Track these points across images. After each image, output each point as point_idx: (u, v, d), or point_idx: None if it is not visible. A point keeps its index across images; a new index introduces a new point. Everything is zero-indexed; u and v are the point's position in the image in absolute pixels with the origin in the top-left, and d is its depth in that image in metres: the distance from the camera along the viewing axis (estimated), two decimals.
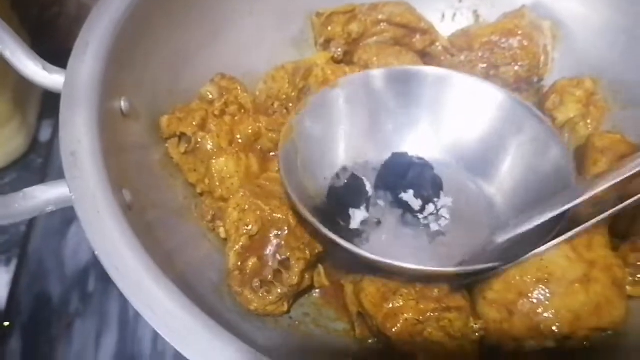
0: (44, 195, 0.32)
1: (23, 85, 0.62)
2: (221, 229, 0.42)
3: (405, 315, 0.35)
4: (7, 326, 0.52)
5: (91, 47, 0.37)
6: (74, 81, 0.35)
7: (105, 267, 0.29)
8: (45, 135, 0.66)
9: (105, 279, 0.56)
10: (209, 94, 0.45)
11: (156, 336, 0.53)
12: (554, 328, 0.36)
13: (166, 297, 0.28)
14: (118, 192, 0.32)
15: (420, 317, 0.36)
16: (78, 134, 0.33)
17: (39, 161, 0.64)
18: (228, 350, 0.26)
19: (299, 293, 0.40)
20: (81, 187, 0.31)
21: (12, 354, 0.51)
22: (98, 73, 0.36)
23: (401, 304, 0.36)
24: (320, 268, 0.42)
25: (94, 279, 0.56)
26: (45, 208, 0.31)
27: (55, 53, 0.41)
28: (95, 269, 0.57)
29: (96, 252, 0.29)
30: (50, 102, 0.67)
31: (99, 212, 0.30)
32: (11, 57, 0.36)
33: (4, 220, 0.31)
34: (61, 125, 0.33)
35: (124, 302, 0.55)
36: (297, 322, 0.40)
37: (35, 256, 0.57)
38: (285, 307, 0.38)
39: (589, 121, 0.48)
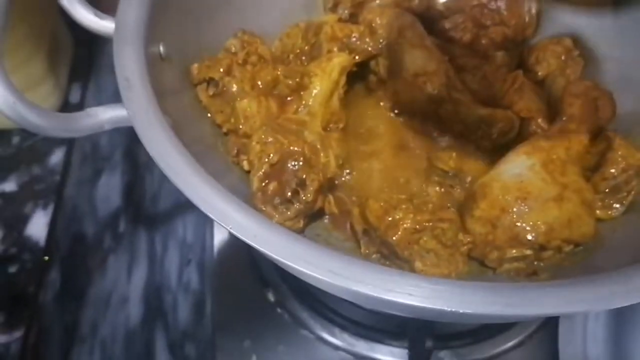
0: (103, 115, 0.38)
1: (55, 49, 0.68)
2: (245, 162, 0.47)
3: (404, 225, 0.42)
4: (47, 260, 0.58)
5: None
6: (123, 25, 0.41)
7: (159, 166, 0.34)
8: (75, 97, 0.72)
9: (134, 222, 0.62)
10: (232, 46, 0.51)
11: (181, 269, 0.59)
12: (530, 237, 0.42)
13: (208, 187, 0.34)
14: (165, 115, 0.38)
15: (417, 227, 0.42)
16: (130, 65, 0.39)
17: None
18: (268, 227, 0.32)
19: (312, 216, 0.46)
20: (136, 105, 0.37)
21: (53, 283, 0.57)
22: (141, 20, 0.42)
23: (401, 215, 0.42)
24: (331, 197, 0.48)
25: (124, 222, 0.62)
26: (103, 125, 0.37)
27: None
28: (124, 213, 0.63)
29: (152, 154, 0.35)
30: (78, 67, 0.73)
31: (152, 125, 0.36)
32: (68, 5, 0.42)
33: (71, 133, 0.37)
34: (115, 57, 0.39)
35: (151, 241, 0.61)
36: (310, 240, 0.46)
37: (70, 201, 0.63)
38: (301, 224, 0.44)
39: (567, 73, 0.54)
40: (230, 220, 0.33)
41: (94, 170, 0.66)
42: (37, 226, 0.60)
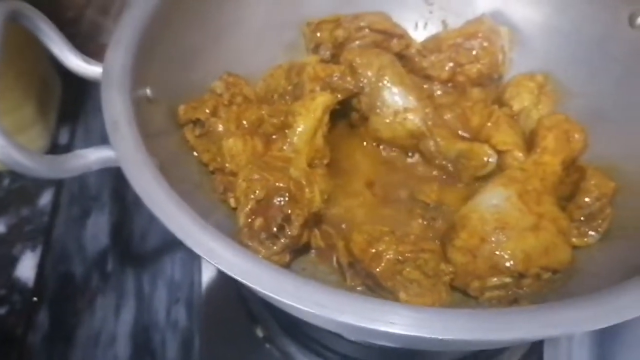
0: (91, 156, 0.39)
1: (44, 93, 0.69)
2: (231, 199, 0.49)
3: (387, 256, 0.43)
4: (36, 301, 0.58)
5: (122, 44, 0.45)
6: (110, 70, 0.43)
7: (147, 206, 0.36)
8: (64, 139, 0.72)
9: (121, 261, 0.63)
10: (217, 88, 0.53)
11: (169, 308, 0.60)
12: (508, 265, 0.43)
13: (196, 225, 0.35)
14: (151, 156, 0.40)
15: (400, 257, 0.43)
16: (117, 109, 0.40)
17: None
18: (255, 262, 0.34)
19: (298, 250, 0.47)
20: (123, 147, 0.38)
21: (41, 324, 0.57)
22: (129, 65, 0.44)
23: (384, 247, 0.43)
24: (317, 231, 0.49)
25: (112, 261, 0.63)
26: (91, 166, 0.39)
27: None
28: (112, 252, 0.63)
29: (139, 194, 0.36)
30: (67, 109, 0.74)
31: (139, 166, 0.37)
32: (58, 52, 0.44)
33: (60, 174, 0.38)
34: (103, 101, 0.41)
35: (139, 280, 0.61)
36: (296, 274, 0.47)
37: (59, 242, 0.63)
38: (287, 259, 0.45)
39: (540, 107, 0.56)
40: (218, 256, 0.34)
41: (83, 211, 0.66)
42: (26, 267, 0.60)
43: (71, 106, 0.75)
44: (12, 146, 0.36)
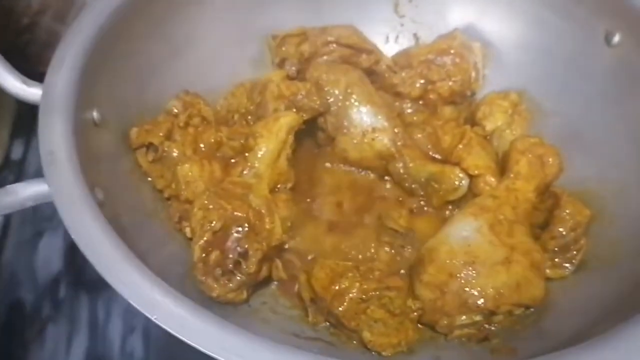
0: (24, 192, 0.36)
1: None
2: (187, 229, 0.46)
3: (350, 294, 0.40)
4: None
5: (66, 63, 0.41)
6: (51, 92, 0.39)
7: (82, 251, 0.32)
8: (17, 153, 0.69)
9: (75, 287, 0.59)
10: (174, 108, 0.49)
11: (125, 338, 0.56)
12: (479, 302, 0.41)
13: (136, 273, 0.32)
14: (92, 189, 0.36)
15: (364, 296, 0.40)
16: (55, 137, 0.37)
17: (11, 178, 0.67)
18: (194, 314, 0.31)
19: (258, 284, 0.45)
20: (59, 182, 0.35)
21: None
22: (72, 85, 0.41)
23: (347, 284, 0.41)
24: (278, 262, 0.46)
25: (65, 287, 0.59)
26: (25, 203, 0.35)
27: (27, 76, 0.45)
28: (65, 277, 0.60)
29: (73, 237, 0.33)
30: (21, 122, 0.71)
31: (75, 203, 0.34)
32: None
33: None
34: (39, 128, 0.37)
35: (93, 307, 0.58)
36: (255, 310, 0.44)
37: (8, 266, 0.60)
38: (244, 295, 0.43)
39: (513, 128, 0.54)
40: (156, 309, 0.31)
41: (35, 232, 0.63)
42: None
43: (25, 120, 0.71)
44: None
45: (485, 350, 0.42)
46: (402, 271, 0.46)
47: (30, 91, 0.41)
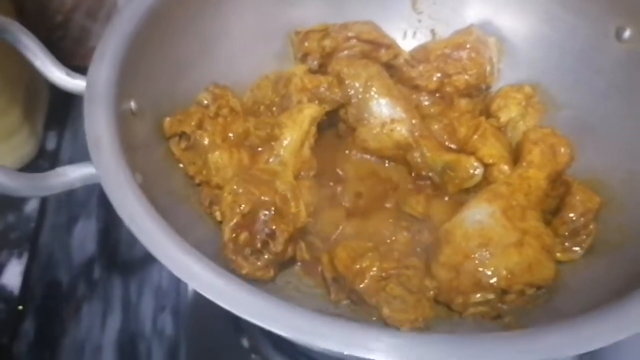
0: (73, 173, 0.39)
1: (31, 98, 0.69)
2: (217, 213, 0.48)
3: (371, 272, 0.43)
4: (21, 310, 0.58)
5: (107, 57, 0.44)
6: (94, 83, 0.43)
7: (128, 226, 0.36)
8: (51, 144, 0.72)
9: (108, 269, 0.63)
10: (204, 99, 0.52)
11: (156, 316, 0.60)
12: (492, 282, 0.43)
13: (177, 247, 0.35)
14: (133, 173, 0.39)
15: (383, 274, 0.43)
16: (100, 124, 0.40)
17: (46, 166, 0.71)
18: (231, 284, 0.34)
19: (283, 263, 0.47)
20: (104, 165, 0.38)
21: (27, 333, 0.57)
22: (113, 77, 0.44)
23: (367, 263, 0.43)
24: (302, 244, 0.49)
25: (99, 269, 0.63)
26: (74, 184, 0.38)
27: None
28: (99, 260, 0.64)
29: (120, 215, 0.36)
30: (54, 114, 0.74)
31: (120, 184, 0.37)
32: (41, 66, 0.44)
33: (40, 192, 0.38)
34: (86, 117, 0.40)
35: (126, 288, 0.61)
36: (280, 288, 0.47)
37: (45, 249, 0.63)
38: (272, 273, 0.45)
39: (527, 119, 0.56)
40: (195, 278, 0.34)
41: (70, 217, 0.66)
42: (12, 275, 0.60)
43: (59, 111, 0.74)
44: None
45: (498, 327, 0.45)
46: (419, 252, 0.48)
47: (73, 82, 0.44)
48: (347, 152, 0.58)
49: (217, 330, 0.57)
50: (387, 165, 0.57)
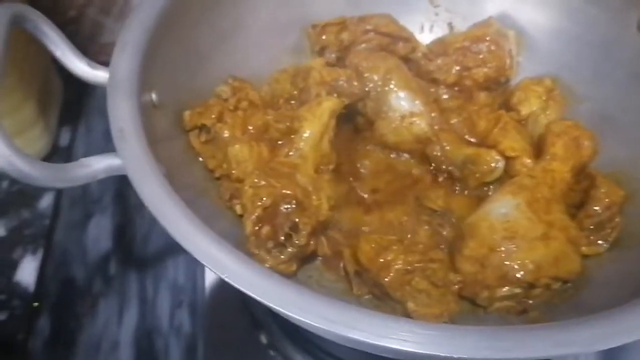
0: (97, 164, 0.38)
1: (45, 94, 0.68)
2: (237, 206, 0.48)
3: (396, 266, 0.42)
4: (37, 306, 0.58)
5: (128, 48, 0.44)
6: (117, 74, 0.42)
7: (154, 215, 0.35)
8: (64, 140, 0.72)
9: (124, 264, 0.62)
10: (223, 93, 0.52)
11: (173, 312, 0.59)
12: (518, 275, 0.42)
13: (204, 236, 0.35)
14: (158, 163, 0.39)
15: (409, 267, 0.42)
16: (123, 115, 0.40)
17: (60, 162, 0.69)
18: (262, 274, 0.33)
19: (305, 258, 0.47)
20: (129, 155, 0.38)
21: (42, 329, 0.56)
22: (134, 69, 0.43)
23: (392, 257, 0.43)
24: (323, 239, 0.49)
25: (115, 264, 0.62)
26: (98, 175, 0.38)
27: None
28: (114, 256, 0.63)
29: (146, 204, 0.35)
30: (68, 110, 0.74)
31: (146, 174, 0.37)
32: (62, 56, 0.43)
33: (65, 183, 0.37)
34: (109, 108, 0.40)
35: (142, 283, 0.61)
36: (302, 282, 0.46)
37: (60, 246, 0.63)
38: (294, 267, 0.45)
39: (548, 113, 0.56)
40: (224, 268, 0.33)
41: (84, 214, 0.66)
42: (27, 271, 0.59)
43: (72, 107, 0.74)
44: (15, 154, 0.35)
45: (524, 323, 0.44)
46: (442, 247, 0.48)
47: (94, 73, 0.44)
48: (365, 146, 0.57)
49: (235, 326, 0.57)
50: (406, 159, 0.57)
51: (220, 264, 0.33)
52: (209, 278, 0.60)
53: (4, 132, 0.35)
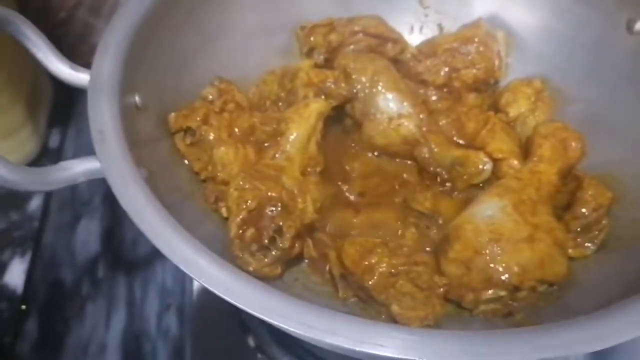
0: (77, 167, 0.38)
1: (34, 95, 0.68)
2: (223, 209, 0.48)
3: (380, 269, 0.42)
4: (24, 309, 0.58)
5: (110, 50, 0.44)
6: (98, 76, 0.42)
7: (132, 220, 0.35)
8: (54, 142, 0.72)
9: (112, 268, 0.62)
10: (209, 94, 0.52)
11: (161, 315, 0.59)
12: (504, 278, 0.42)
13: (183, 241, 0.34)
14: (138, 166, 0.39)
15: (393, 270, 0.42)
16: (104, 118, 0.39)
17: (49, 164, 0.69)
18: (240, 280, 0.33)
19: (291, 261, 0.47)
20: (109, 158, 0.37)
21: (30, 332, 0.56)
22: (117, 71, 0.43)
23: (376, 259, 0.43)
24: (309, 241, 0.48)
25: (103, 267, 0.62)
26: (77, 178, 0.38)
27: None
28: (103, 258, 0.63)
29: (125, 208, 0.35)
30: (58, 112, 0.74)
31: (125, 178, 0.36)
32: (44, 59, 0.43)
33: (44, 187, 0.37)
34: (90, 110, 0.40)
35: (130, 287, 0.61)
36: (288, 285, 0.46)
37: (48, 248, 0.63)
38: (279, 270, 0.45)
39: (537, 114, 0.55)
40: (203, 273, 0.33)
41: (73, 216, 0.66)
42: (15, 274, 0.60)
43: (62, 109, 0.74)
44: None
45: (509, 326, 0.44)
46: (428, 249, 0.47)
47: (77, 75, 0.43)
48: (353, 148, 0.57)
49: (223, 330, 0.57)
50: (394, 161, 0.57)
51: (199, 268, 0.33)
52: (197, 282, 0.60)
53: None
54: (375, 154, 0.57)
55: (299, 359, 0.55)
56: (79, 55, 0.75)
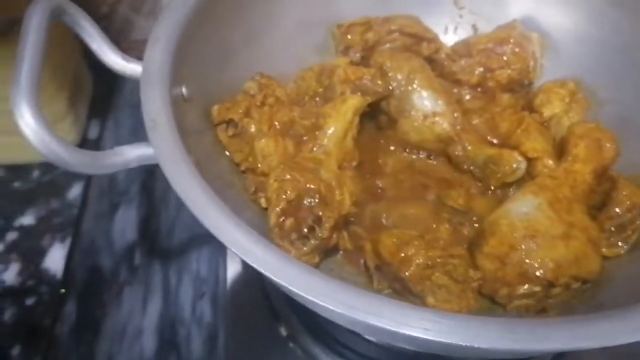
0: (131, 153, 0.40)
1: (76, 87, 0.71)
2: (262, 199, 0.49)
3: (417, 260, 0.43)
4: (64, 293, 0.60)
5: (161, 42, 0.45)
6: (150, 68, 0.43)
7: (185, 202, 0.36)
8: (93, 133, 0.74)
9: (149, 255, 0.64)
10: (250, 89, 0.53)
11: (195, 302, 0.60)
12: (538, 274, 0.43)
13: (232, 223, 0.36)
14: (189, 153, 0.40)
15: (429, 262, 0.43)
16: (155, 107, 0.41)
17: None
18: (287, 260, 0.34)
19: (327, 251, 0.48)
20: (161, 144, 0.39)
21: (69, 315, 0.58)
22: (166, 63, 0.45)
23: (413, 251, 0.43)
24: (345, 233, 0.50)
25: (139, 255, 0.64)
26: (130, 163, 0.39)
27: None
28: (140, 246, 0.65)
29: (177, 191, 0.37)
30: (97, 103, 0.76)
31: (177, 163, 0.38)
32: (97, 49, 0.45)
33: (99, 170, 0.39)
34: (142, 99, 0.41)
35: (166, 274, 0.62)
36: None
37: (88, 235, 0.65)
38: (316, 259, 0.46)
39: (571, 115, 0.56)
40: (251, 253, 0.34)
41: (111, 205, 0.68)
42: (55, 259, 0.61)
43: (101, 101, 0.76)
44: (55, 140, 0.37)
45: None
46: (462, 243, 0.48)
47: (128, 66, 0.45)
48: (388, 144, 0.58)
49: (255, 318, 0.58)
50: (427, 158, 0.57)
51: (248, 250, 0.35)
52: (231, 271, 0.62)
53: (45, 120, 0.37)
54: (407, 150, 0.58)
55: (329, 348, 0.56)
56: (119, 47, 0.77)
